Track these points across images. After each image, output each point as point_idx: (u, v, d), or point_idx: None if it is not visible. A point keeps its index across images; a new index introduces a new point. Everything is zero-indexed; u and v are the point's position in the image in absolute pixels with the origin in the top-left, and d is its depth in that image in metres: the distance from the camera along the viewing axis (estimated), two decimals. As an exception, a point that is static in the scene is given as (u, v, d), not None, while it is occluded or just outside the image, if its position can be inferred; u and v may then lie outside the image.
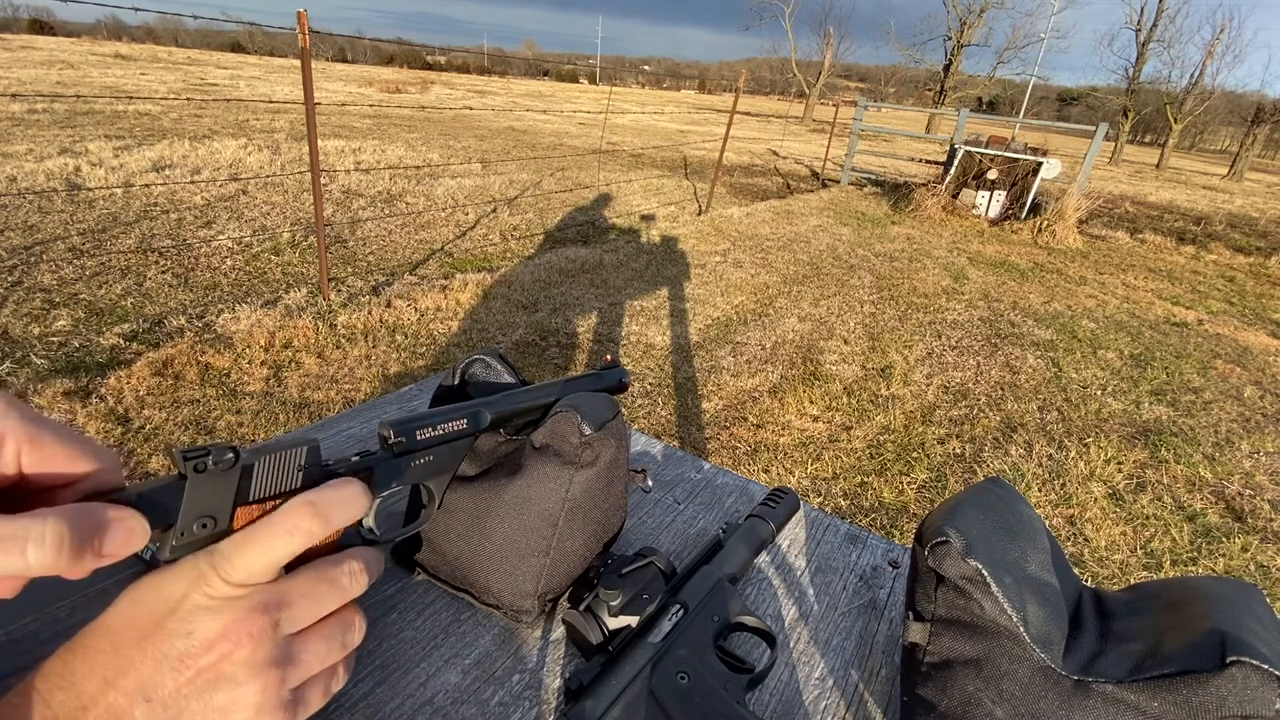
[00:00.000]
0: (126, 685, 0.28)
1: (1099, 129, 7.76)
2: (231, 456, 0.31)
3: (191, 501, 0.30)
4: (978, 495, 0.48)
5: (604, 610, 0.47)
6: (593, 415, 0.51)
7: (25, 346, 2.83)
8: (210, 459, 0.30)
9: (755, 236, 6.17)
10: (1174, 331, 4.77)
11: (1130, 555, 2.29)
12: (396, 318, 3.47)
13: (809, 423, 2.95)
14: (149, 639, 0.28)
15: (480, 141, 11.12)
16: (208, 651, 0.29)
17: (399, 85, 23.81)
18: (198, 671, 0.29)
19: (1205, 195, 16.33)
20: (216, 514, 0.31)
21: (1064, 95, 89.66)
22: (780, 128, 23.93)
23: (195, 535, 0.30)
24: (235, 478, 0.31)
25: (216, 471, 0.30)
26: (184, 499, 0.30)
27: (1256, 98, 34.41)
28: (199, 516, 0.30)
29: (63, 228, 4.38)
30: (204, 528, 0.31)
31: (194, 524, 0.30)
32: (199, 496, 0.30)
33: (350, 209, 5.78)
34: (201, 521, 0.31)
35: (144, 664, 0.28)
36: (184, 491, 0.30)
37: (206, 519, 0.31)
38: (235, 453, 0.31)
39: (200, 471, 0.30)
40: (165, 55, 30.45)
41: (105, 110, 9.78)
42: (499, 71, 67.96)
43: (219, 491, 0.31)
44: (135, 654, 0.28)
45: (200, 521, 0.30)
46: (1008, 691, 0.40)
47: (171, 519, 0.30)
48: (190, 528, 0.30)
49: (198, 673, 0.29)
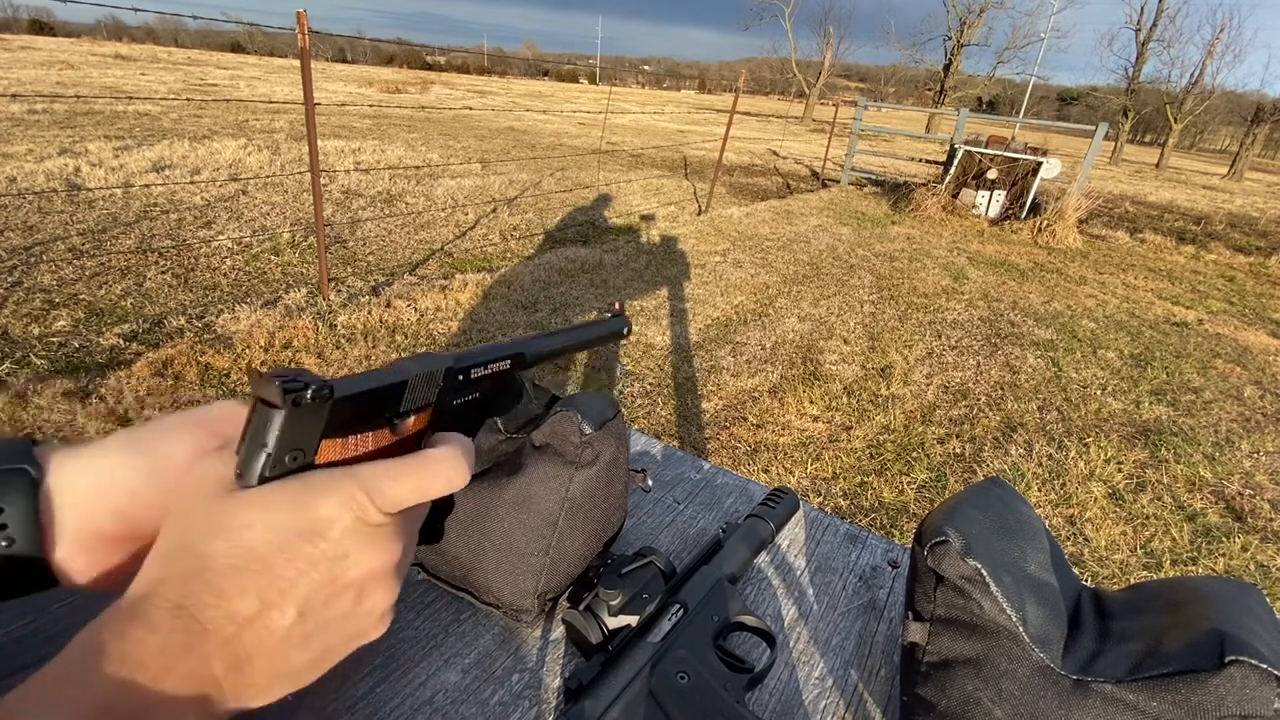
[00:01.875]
0: (283, 604, 0.29)
1: (1099, 129, 7.76)
2: (327, 392, 0.31)
3: (284, 434, 0.30)
4: (977, 495, 0.48)
5: (604, 610, 0.47)
6: (593, 415, 0.51)
7: (25, 347, 2.83)
8: (309, 394, 0.30)
9: (755, 236, 6.17)
10: (1174, 331, 4.77)
11: (1130, 555, 2.29)
12: (396, 318, 3.47)
13: (809, 423, 2.95)
14: (304, 559, 0.30)
15: (480, 141, 11.13)
16: (357, 569, 0.32)
17: (399, 85, 23.81)
18: (345, 586, 0.31)
19: (1205, 195, 16.33)
20: (305, 447, 0.31)
21: (1064, 95, 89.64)
22: (780, 128, 23.93)
23: (285, 467, 0.31)
24: (326, 412, 0.31)
25: (313, 405, 0.30)
26: (278, 430, 0.30)
27: (1256, 97, 34.44)
28: (290, 449, 0.31)
29: (62, 228, 4.38)
30: (294, 460, 0.31)
31: (285, 456, 0.31)
32: (292, 429, 0.30)
33: (350, 209, 5.78)
34: (292, 454, 0.31)
35: (299, 583, 0.30)
36: (279, 422, 0.30)
37: (296, 451, 0.31)
38: (330, 388, 0.31)
39: (297, 405, 0.30)
40: (165, 55, 30.45)
41: (105, 110, 9.78)
42: (499, 71, 67.96)
43: (310, 425, 0.31)
44: (290, 574, 0.29)
45: (291, 454, 0.31)
46: (1007, 691, 0.40)
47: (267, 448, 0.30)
48: (282, 459, 0.31)
49: (345, 587, 0.31)
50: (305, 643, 0.31)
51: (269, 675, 0.30)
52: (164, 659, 0.26)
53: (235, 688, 0.28)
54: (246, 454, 0.30)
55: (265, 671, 0.29)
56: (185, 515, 0.31)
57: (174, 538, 0.30)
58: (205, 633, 0.27)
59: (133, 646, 0.26)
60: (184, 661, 0.27)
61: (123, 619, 0.27)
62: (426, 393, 0.38)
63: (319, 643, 0.31)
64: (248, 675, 0.29)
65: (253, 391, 0.30)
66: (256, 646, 0.29)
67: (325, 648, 0.32)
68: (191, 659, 0.27)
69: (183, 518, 0.31)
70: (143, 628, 0.26)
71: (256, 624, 0.29)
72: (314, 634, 0.31)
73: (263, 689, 0.30)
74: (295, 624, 0.30)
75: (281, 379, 0.29)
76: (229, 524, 0.29)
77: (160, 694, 0.26)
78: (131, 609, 0.27)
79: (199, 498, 0.31)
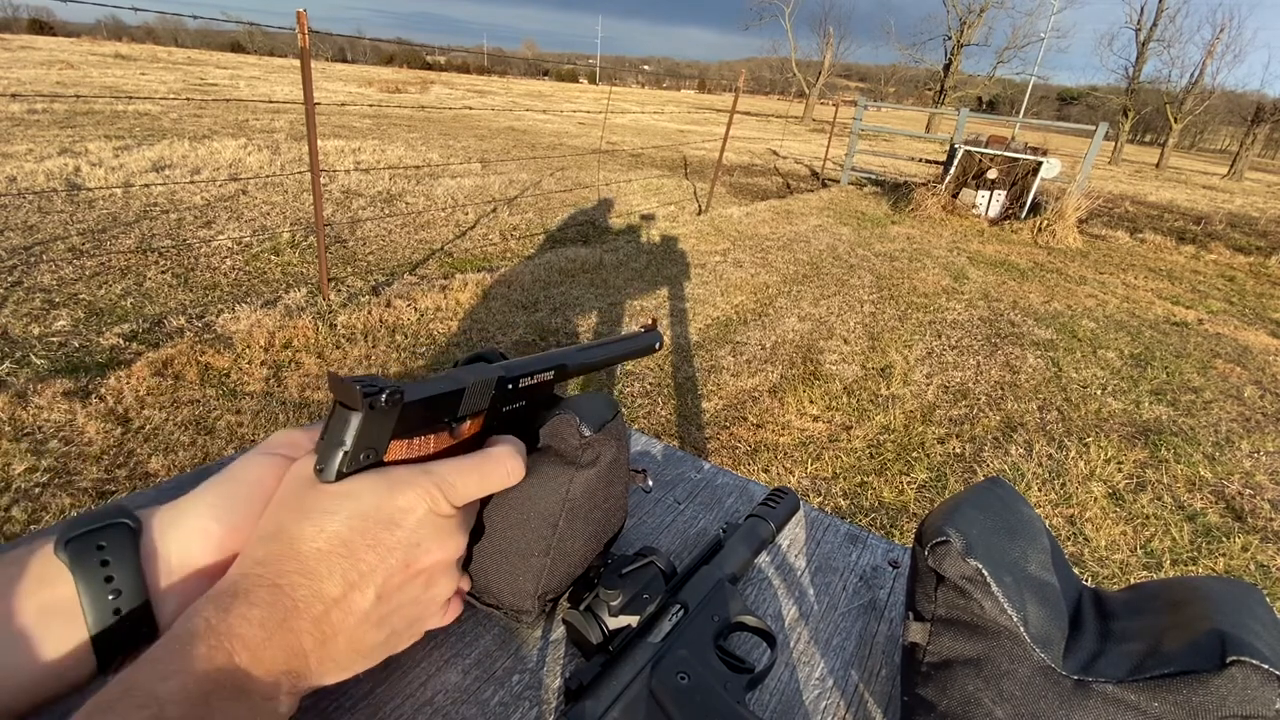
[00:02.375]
0: (364, 585, 0.32)
1: (1099, 128, 7.76)
2: (399, 396, 0.33)
3: (361, 433, 0.32)
4: (978, 495, 0.48)
5: (604, 610, 0.47)
6: (592, 416, 0.51)
7: (25, 346, 2.83)
8: (384, 398, 0.32)
9: (755, 236, 6.17)
10: (1174, 331, 4.77)
11: (1130, 555, 2.29)
12: (396, 318, 3.47)
13: (809, 422, 2.95)
14: (383, 546, 0.32)
15: (480, 141, 11.13)
16: (429, 557, 0.34)
17: (399, 85, 23.80)
18: (418, 573, 0.34)
19: (1205, 195, 16.33)
20: (378, 445, 0.34)
21: (1064, 95, 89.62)
22: (780, 127, 23.93)
23: (360, 464, 0.33)
24: (396, 414, 0.34)
25: (386, 408, 0.33)
26: (356, 430, 0.32)
27: (1256, 97, 34.43)
28: (365, 448, 0.33)
29: (62, 228, 4.38)
30: (367, 458, 0.33)
31: (360, 454, 0.33)
32: (368, 429, 0.33)
33: (350, 209, 5.78)
34: (366, 452, 0.33)
35: (378, 568, 0.32)
36: (356, 423, 0.32)
37: (370, 450, 0.33)
38: (401, 393, 0.33)
39: (373, 408, 0.32)
40: (165, 55, 30.45)
41: (105, 110, 9.78)
42: (499, 71, 67.95)
43: (382, 426, 0.33)
44: (372, 559, 0.32)
45: (365, 452, 0.33)
46: (1008, 691, 0.40)
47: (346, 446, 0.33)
48: (358, 457, 0.33)
49: (417, 573, 0.34)
50: (380, 623, 0.33)
51: (349, 653, 0.32)
52: (263, 632, 0.28)
53: (320, 662, 0.31)
54: (325, 451, 0.33)
55: (346, 649, 0.32)
56: (280, 504, 0.33)
57: (270, 524, 0.33)
58: (297, 609, 0.29)
59: (236, 621, 0.28)
60: (280, 634, 0.29)
61: (225, 597, 0.29)
62: (480, 399, 0.40)
63: (390, 625, 0.34)
64: (331, 650, 0.31)
65: (332, 394, 0.33)
66: (341, 624, 0.31)
67: (394, 630, 0.35)
68: (286, 633, 0.29)
69: (278, 506, 0.33)
70: (244, 604, 0.29)
71: (342, 603, 0.31)
72: (387, 616, 0.34)
73: (343, 665, 0.32)
74: (373, 605, 0.32)
75: (360, 383, 0.32)
76: (317, 511, 0.32)
77: (259, 663, 0.28)
78: (233, 588, 0.29)
79: (292, 488, 0.33)
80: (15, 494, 1.96)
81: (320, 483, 0.33)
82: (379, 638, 0.33)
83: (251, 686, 0.27)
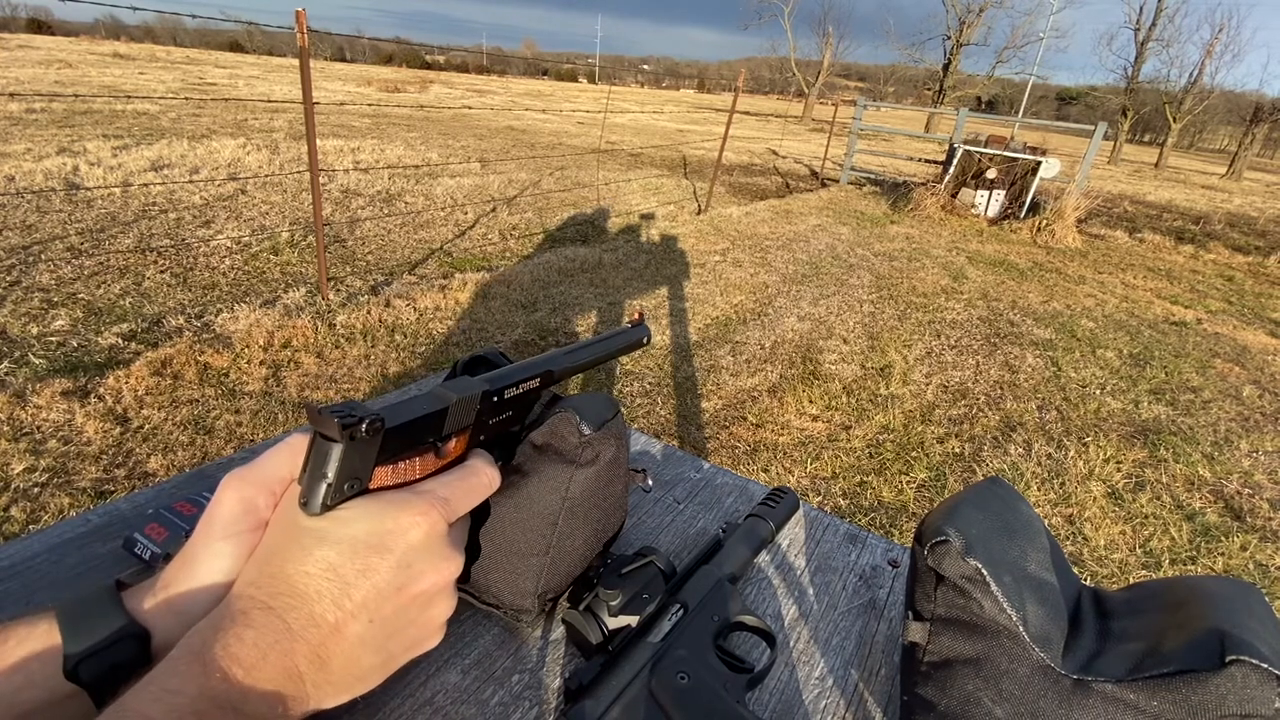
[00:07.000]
0: (357, 612, 0.31)
1: (1098, 128, 7.76)
2: (380, 425, 0.32)
3: (343, 465, 0.32)
4: (977, 495, 0.48)
5: (604, 610, 0.47)
6: (592, 415, 0.50)
7: (24, 346, 2.83)
8: (364, 427, 0.31)
9: (754, 236, 6.17)
10: (1173, 331, 4.78)
11: (1129, 554, 2.29)
12: (395, 317, 3.47)
13: (808, 422, 2.95)
14: (374, 571, 0.32)
15: (479, 141, 11.12)
16: (424, 579, 0.34)
17: (398, 84, 23.78)
18: (413, 597, 0.34)
19: (1204, 194, 16.34)
20: (361, 475, 0.33)
21: (1063, 94, 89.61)
22: (779, 127, 23.92)
23: (344, 495, 0.33)
24: (378, 442, 0.33)
25: (367, 437, 0.32)
26: (337, 462, 0.31)
27: (1255, 97, 34.46)
28: (349, 478, 0.32)
29: (61, 227, 4.38)
30: (351, 488, 0.33)
31: (344, 484, 0.32)
32: (350, 461, 0.32)
33: (349, 208, 5.77)
34: (349, 483, 0.33)
35: (371, 594, 0.32)
36: (337, 455, 0.31)
37: (354, 480, 0.33)
38: (381, 420, 0.32)
39: (354, 439, 0.31)
40: (164, 54, 30.40)
41: (103, 110, 9.76)
42: (498, 71, 67.89)
43: (365, 455, 0.33)
44: (364, 585, 0.32)
45: (349, 483, 0.33)
46: (1007, 690, 0.40)
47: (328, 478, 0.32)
48: (341, 488, 0.32)
49: (413, 598, 0.34)
50: (377, 648, 0.33)
51: (345, 676, 0.32)
52: (257, 652, 0.28)
53: (317, 685, 0.31)
54: (309, 485, 0.32)
55: (342, 672, 0.32)
56: (275, 527, 0.34)
57: (264, 548, 0.33)
58: (291, 631, 0.29)
59: (231, 640, 0.28)
60: (274, 655, 0.29)
61: (222, 619, 0.29)
62: (465, 416, 0.40)
63: (387, 649, 0.34)
64: (327, 673, 0.31)
65: (311, 426, 0.32)
66: (335, 648, 0.31)
67: (391, 654, 0.34)
68: (280, 654, 0.29)
69: (273, 529, 0.34)
70: (240, 624, 0.29)
71: (336, 628, 0.31)
72: (384, 641, 0.33)
73: (340, 688, 0.32)
74: (367, 630, 0.32)
75: (338, 414, 0.31)
76: (308, 537, 0.32)
77: (255, 684, 0.28)
78: (229, 609, 0.30)
79: (286, 512, 0.33)
80: (14, 494, 1.96)
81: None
82: (375, 661, 0.33)
83: (246, 707, 0.27)
